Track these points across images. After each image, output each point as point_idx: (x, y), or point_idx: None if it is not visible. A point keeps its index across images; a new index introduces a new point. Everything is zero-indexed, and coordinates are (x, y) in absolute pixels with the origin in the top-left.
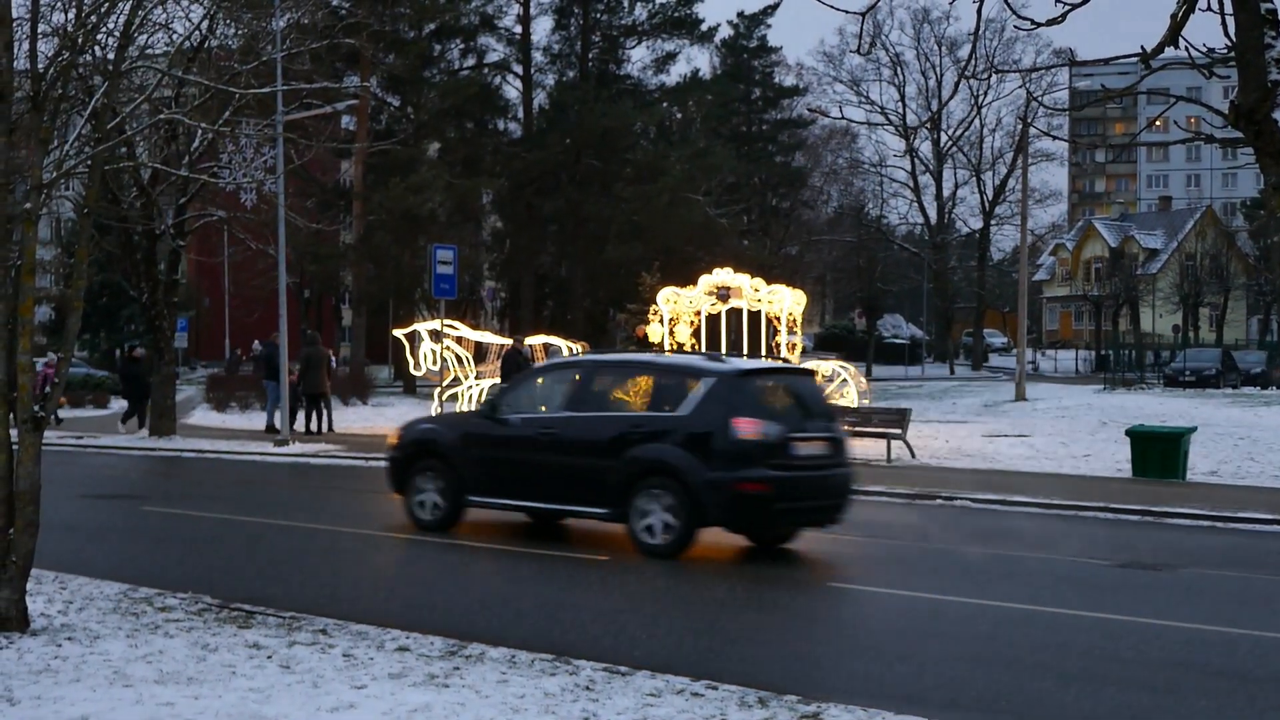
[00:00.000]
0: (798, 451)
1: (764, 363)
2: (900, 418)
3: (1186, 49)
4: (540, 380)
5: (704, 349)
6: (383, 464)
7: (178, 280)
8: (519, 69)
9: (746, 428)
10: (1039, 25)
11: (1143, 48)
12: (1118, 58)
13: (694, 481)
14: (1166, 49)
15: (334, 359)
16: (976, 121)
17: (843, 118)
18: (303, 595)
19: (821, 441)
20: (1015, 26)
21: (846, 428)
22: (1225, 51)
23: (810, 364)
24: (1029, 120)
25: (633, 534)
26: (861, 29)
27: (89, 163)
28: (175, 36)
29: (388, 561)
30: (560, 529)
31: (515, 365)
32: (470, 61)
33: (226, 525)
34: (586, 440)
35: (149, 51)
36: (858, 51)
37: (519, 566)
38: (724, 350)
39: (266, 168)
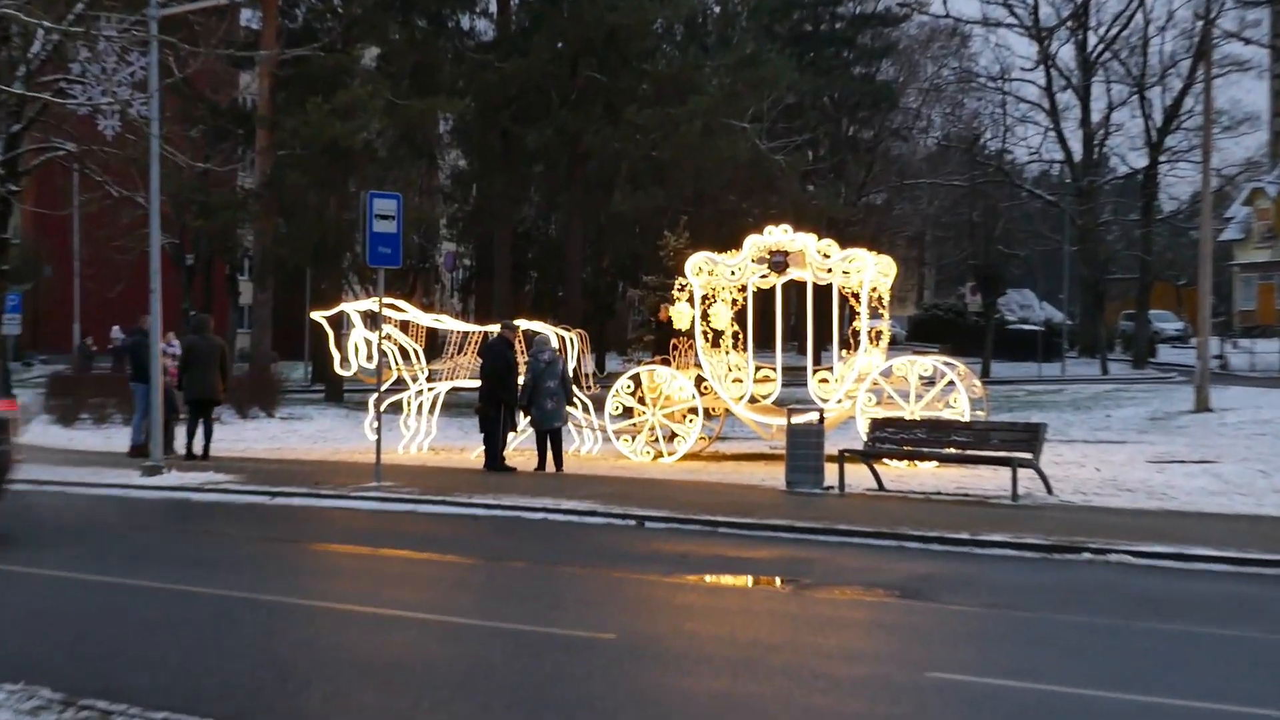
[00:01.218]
0: None
1: None
2: (1031, 437)
3: None
4: None
5: (750, 336)
6: (300, 501)
7: (7, 240)
8: None
9: None
10: None
11: None
12: None
13: None
14: None
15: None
16: (1139, 16)
17: (947, 15)
18: (178, 685)
19: None
20: None
21: (953, 449)
22: None
23: (901, 361)
24: (1213, 14)
25: None
26: None
27: None
28: None
29: (298, 638)
30: None
31: (501, 360)
32: None
33: (76, 587)
34: None
35: None
36: None
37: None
38: (779, 338)
39: (134, 83)
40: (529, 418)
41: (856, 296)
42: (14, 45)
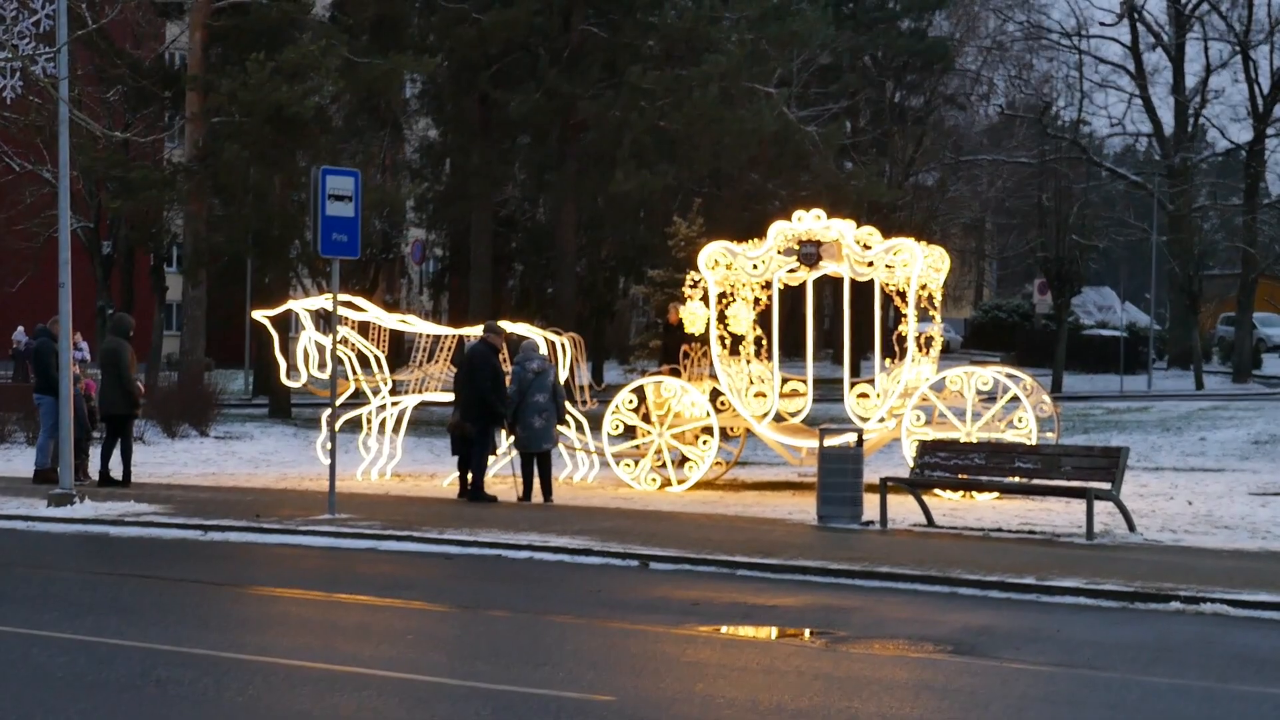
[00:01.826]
0: None
1: None
2: (1110, 463)
3: None
4: None
5: (776, 342)
6: (239, 536)
7: None
8: None
9: None
10: None
11: None
12: None
13: None
14: None
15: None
16: None
17: None
18: None
19: None
20: None
21: (1018, 477)
22: None
23: (957, 372)
24: None
25: None
26: None
27: None
28: None
29: (235, 702)
30: None
31: (490, 370)
32: None
33: None
34: None
35: None
36: None
37: None
38: (810, 344)
39: (38, 35)
40: (512, 438)
41: (903, 295)
42: None
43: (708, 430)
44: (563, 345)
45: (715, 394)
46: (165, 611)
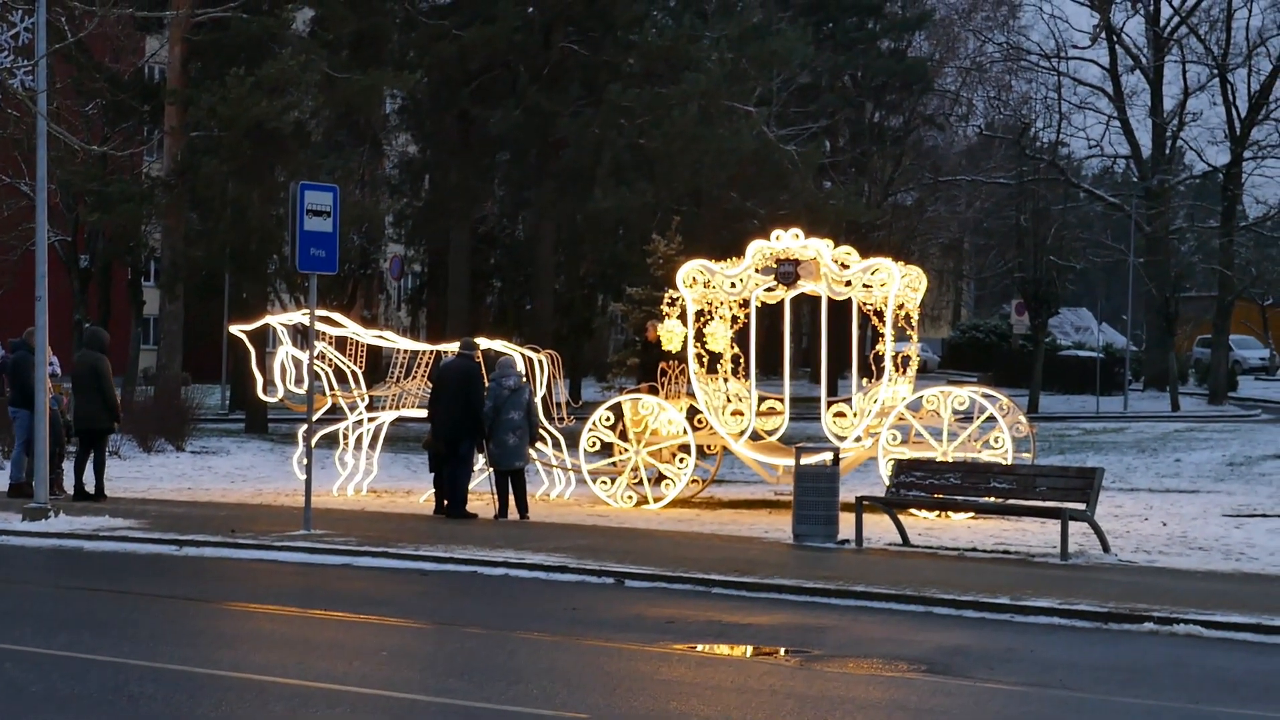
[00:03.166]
0: None
1: None
2: (1085, 484)
3: None
4: None
5: (753, 360)
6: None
7: None
8: None
9: None
10: None
11: None
12: None
13: None
14: None
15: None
16: None
17: None
18: None
19: None
20: None
21: (993, 497)
22: None
23: (933, 392)
24: None
25: None
26: None
27: None
28: None
29: (207, 718)
30: None
31: (450, 384)
32: None
33: None
34: None
35: None
36: None
37: None
38: (787, 363)
39: (16, 47)
40: (485, 455)
41: (880, 315)
42: None
43: (684, 448)
44: (540, 362)
45: (692, 412)
46: (139, 627)
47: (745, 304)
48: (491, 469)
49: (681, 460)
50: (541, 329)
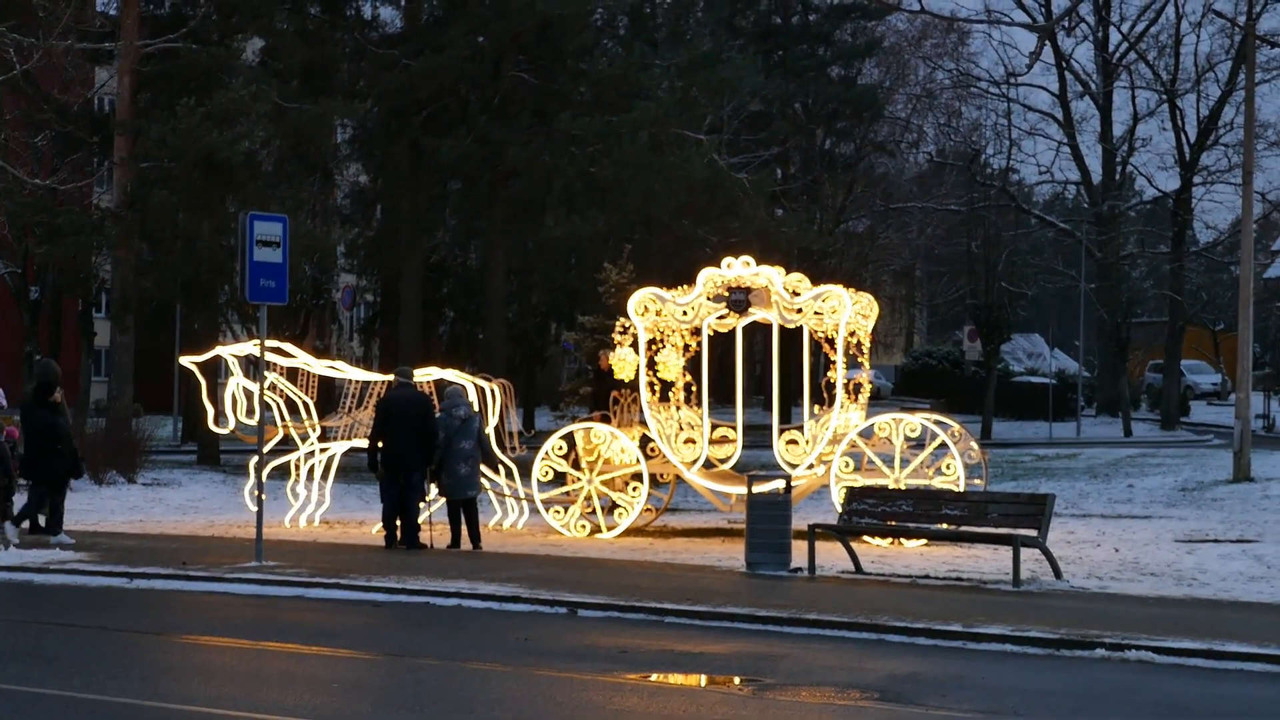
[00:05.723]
0: None
1: None
2: (1037, 510)
3: None
4: None
5: (705, 389)
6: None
7: None
8: None
9: None
10: None
11: None
12: None
13: None
14: None
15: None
16: (1170, 9)
17: (921, 10)
18: None
19: None
20: None
21: (945, 524)
22: None
23: (885, 419)
24: (1258, 9)
25: None
26: None
27: None
28: None
29: None
30: None
31: (406, 416)
32: None
33: None
34: None
35: None
36: None
37: None
38: (740, 391)
39: None
40: (436, 485)
41: (831, 342)
42: None
43: (637, 477)
44: (492, 391)
45: (645, 440)
46: (88, 660)
47: (697, 332)
48: (445, 499)
49: (634, 489)
50: (494, 358)
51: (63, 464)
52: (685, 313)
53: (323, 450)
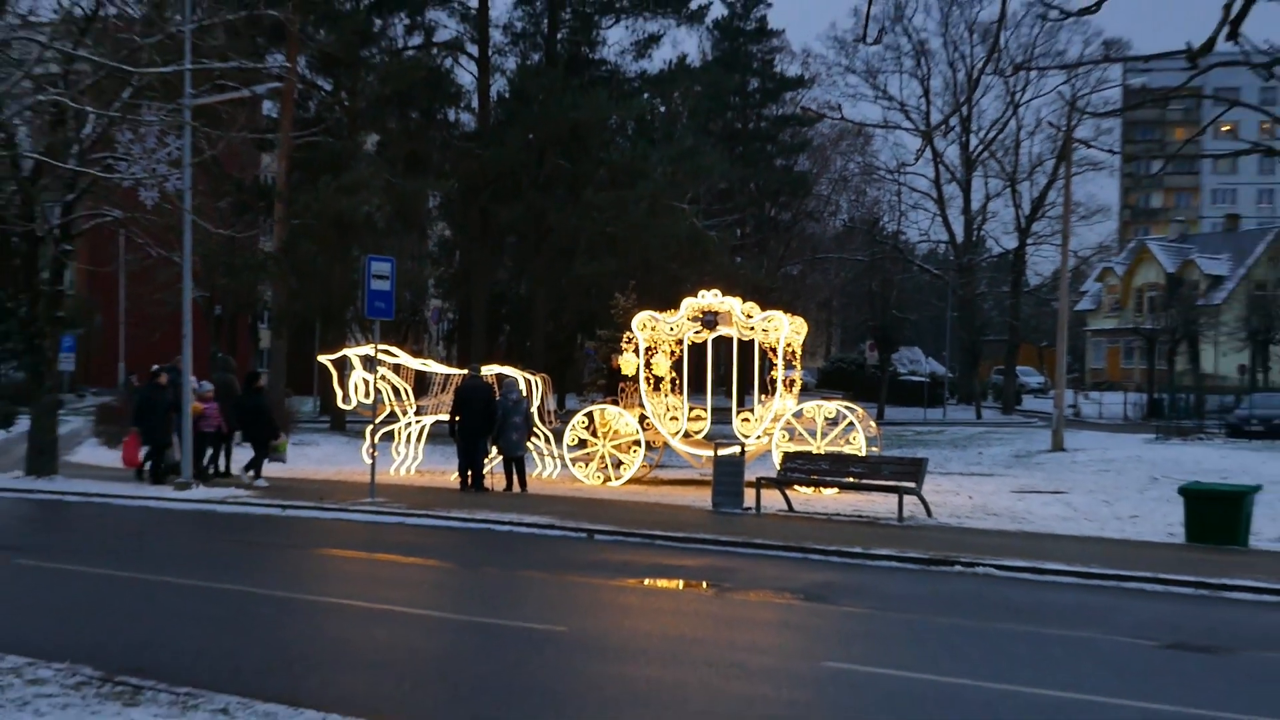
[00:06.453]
0: None
1: None
2: (915, 469)
3: (1243, 46)
4: None
5: (685, 381)
6: (307, 513)
7: (63, 291)
8: (474, 50)
9: None
10: (1069, 16)
11: (1189, 44)
12: (1167, 54)
13: None
14: (1221, 45)
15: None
16: (1013, 122)
17: (841, 117)
18: (200, 667)
19: None
20: (1040, 17)
21: (851, 478)
22: None
23: (810, 405)
24: (1073, 123)
25: None
26: (869, 10)
27: None
28: (64, 1)
29: (303, 629)
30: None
31: (476, 399)
32: (417, 40)
33: (113, 583)
34: None
35: (32, 19)
36: (862, 40)
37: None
38: (709, 383)
39: (171, 160)
40: (497, 447)
41: (774, 350)
42: (69, 128)
43: (637, 443)
44: (536, 383)
45: (642, 417)
46: (253, 565)
47: (680, 342)
48: (502, 457)
49: (634, 451)
50: (537, 359)
51: (269, 429)
52: (672, 329)
53: (417, 422)
